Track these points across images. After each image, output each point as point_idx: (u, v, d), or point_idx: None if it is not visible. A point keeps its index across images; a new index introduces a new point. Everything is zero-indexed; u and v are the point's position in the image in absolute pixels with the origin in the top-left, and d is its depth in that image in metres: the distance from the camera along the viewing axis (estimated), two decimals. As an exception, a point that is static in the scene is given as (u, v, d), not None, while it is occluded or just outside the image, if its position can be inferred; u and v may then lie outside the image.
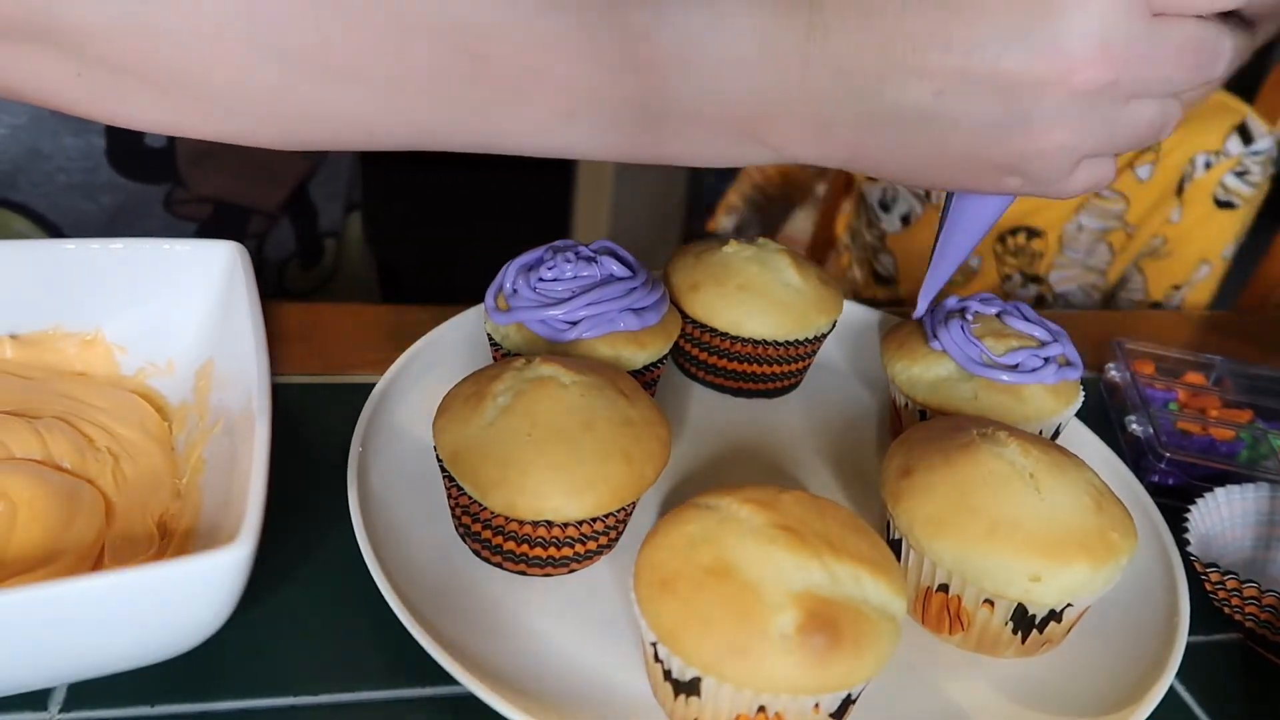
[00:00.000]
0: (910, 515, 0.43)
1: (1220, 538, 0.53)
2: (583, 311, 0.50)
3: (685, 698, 0.37)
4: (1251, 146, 0.89)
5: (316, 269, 0.81)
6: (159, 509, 0.44)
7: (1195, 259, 0.90)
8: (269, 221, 0.74)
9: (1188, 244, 0.89)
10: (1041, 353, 0.52)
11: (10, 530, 0.39)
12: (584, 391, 0.43)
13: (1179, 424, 0.61)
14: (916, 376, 0.53)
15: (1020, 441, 0.43)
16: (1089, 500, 0.42)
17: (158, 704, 0.38)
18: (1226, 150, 0.88)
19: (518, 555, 0.44)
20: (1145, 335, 0.69)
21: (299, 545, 0.46)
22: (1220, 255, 0.91)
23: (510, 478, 0.41)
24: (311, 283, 0.81)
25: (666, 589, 0.37)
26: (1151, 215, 0.88)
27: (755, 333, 0.56)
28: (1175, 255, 0.90)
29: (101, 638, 0.34)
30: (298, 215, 0.77)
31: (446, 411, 0.45)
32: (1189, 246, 0.90)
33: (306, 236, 0.79)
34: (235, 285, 0.48)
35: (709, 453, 0.55)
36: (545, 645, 0.42)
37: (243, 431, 0.41)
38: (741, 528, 0.37)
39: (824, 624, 0.35)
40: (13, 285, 0.48)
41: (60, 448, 0.44)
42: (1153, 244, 0.89)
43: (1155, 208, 0.87)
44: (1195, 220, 0.88)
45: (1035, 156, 0.38)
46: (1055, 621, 0.43)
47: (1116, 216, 0.88)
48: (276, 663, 0.41)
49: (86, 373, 0.49)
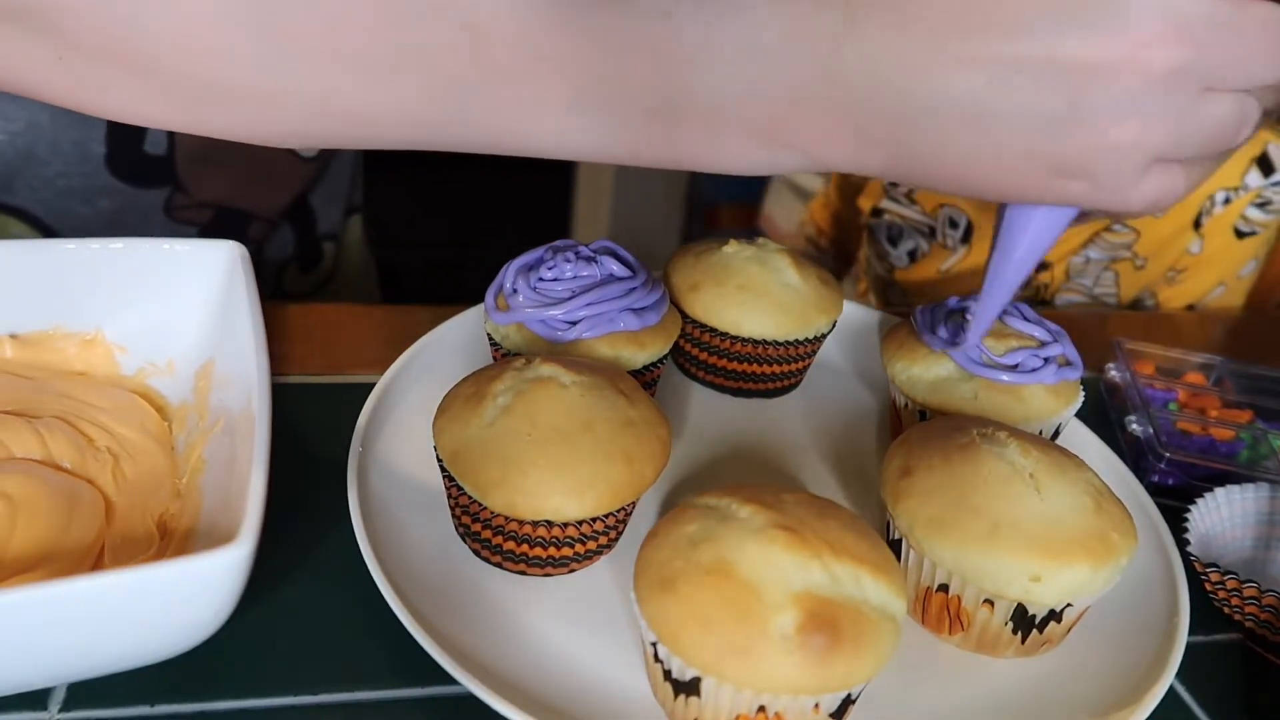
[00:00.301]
0: (910, 515, 0.43)
1: (1220, 538, 0.53)
2: (583, 311, 0.50)
3: (685, 698, 0.37)
4: (1272, 178, 0.85)
5: (315, 271, 0.81)
6: (159, 509, 0.44)
7: (1212, 282, 0.88)
8: (269, 227, 0.74)
9: (1206, 270, 0.87)
10: (1041, 353, 0.52)
11: (10, 530, 0.39)
12: (584, 391, 0.43)
13: (1179, 424, 0.61)
14: (916, 377, 0.53)
15: (1020, 442, 0.43)
16: (1089, 500, 0.42)
17: (158, 704, 0.38)
18: (1246, 185, 0.85)
19: (518, 555, 0.44)
20: (1145, 335, 0.69)
21: (299, 545, 0.46)
22: (1237, 275, 0.90)
23: (510, 478, 0.41)
24: (310, 285, 0.81)
25: (667, 589, 0.37)
26: (1166, 248, 0.86)
27: (755, 333, 0.56)
28: (1190, 281, 0.88)
29: (101, 637, 0.34)
30: (296, 219, 0.77)
31: (446, 411, 0.45)
32: (1206, 272, 0.87)
33: (305, 239, 0.78)
34: (235, 285, 0.48)
35: (709, 453, 0.55)
36: (545, 645, 0.42)
37: (243, 431, 0.41)
38: (742, 528, 0.37)
39: (824, 624, 0.35)
40: (13, 285, 0.48)
41: (60, 448, 0.44)
42: (1168, 275, 0.87)
43: (1170, 242, 0.85)
44: (1215, 250, 0.86)
45: (1101, 154, 0.33)
46: (1055, 622, 0.43)
47: (1126, 248, 0.86)
48: (276, 663, 0.41)
49: (87, 373, 0.49)
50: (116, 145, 0.62)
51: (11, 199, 0.62)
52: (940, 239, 0.91)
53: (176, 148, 0.64)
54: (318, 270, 0.81)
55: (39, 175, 0.61)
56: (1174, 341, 0.69)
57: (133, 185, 0.64)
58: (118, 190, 0.64)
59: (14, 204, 0.62)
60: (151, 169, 0.64)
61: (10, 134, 0.59)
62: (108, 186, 0.63)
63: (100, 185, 0.63)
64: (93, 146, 0.62)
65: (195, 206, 0.68)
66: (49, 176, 0.62)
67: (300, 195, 0.76)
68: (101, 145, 0.62)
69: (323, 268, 0.81)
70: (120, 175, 0.63)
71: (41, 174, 0.61)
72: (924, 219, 0.91)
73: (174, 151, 0.64)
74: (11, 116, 0.59)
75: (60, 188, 0.62)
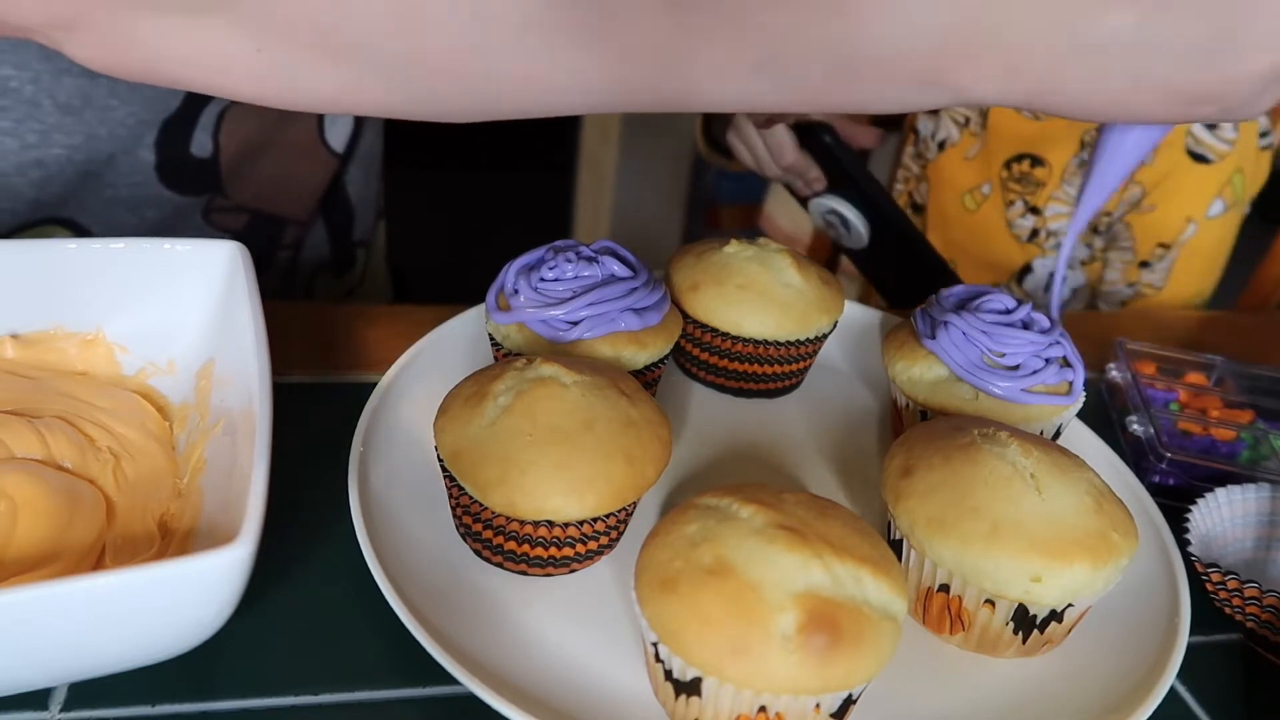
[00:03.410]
0: (911, 515, 0.43)
1: (1221, 538, 0.53)
2: (584, 311, 0.50)
3: (686, 698, 0.37)
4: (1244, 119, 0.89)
5: (348, 276, 0.81)
6: (160, 509, 0.44)
7: (1180, 216, 0.90)
8: (302, 230, 0.74)
9: (1168, 199, 0.89)
10: (1042, 353, 0.52)
11: (11, 530, 0.39)
12: (585, 391, 0.43)
13: (1180, 424, 0.61)
14: (917, 377, 0.53)
15: (1021, 442, 0.43)
16: (1090, 501, 0.42)
17: (158, 704, 0.39)
18: None
19: (518, 555, 0.44)
20: (1146, 335, 0.69)
21: (300, 545, 0.46)
22: (1204, 214, 0.91)
23: (511, 477, 0.41)
24: (341, 290, 0.81)
25: (667, 589, 0.37)
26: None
27: (756, 333, 0.56)
28: (1159, 209, 0.90)
29: (102, 637, 0.34)
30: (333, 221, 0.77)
31: (447, 411, 0.45)
32: (1170, 202, 0.90)
33: (340, 243, 0.79)
34: (236, 285, 0.48)
35: (710, 453, 0.55)
36: (546, 645, 0.42)
37: (244, 431, 0.41)
38: (742, 528, 0.37)
39: (825, 624, 0.35)
40: (14, 285, 0.48)
41: (61, 447, 0.44)
42: (1133, 193, 0.88)
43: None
44: (1170, 168, 0.88)
45: (1240, 82, 0.35)
46: (1056, 622, 0.43)
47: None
48: (276, 663, 0.41)
49: (87, 372, 0.49)
50: (166, 152, 0.62)
51: (62, 211, 0.62)
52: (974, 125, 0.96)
53: (221, 149, 0.64)
54: (350, 275, 0.81)
55: (90, 189, 0.61)
56: (1175, 341, 0.69)
57: (179, 193, 0.64)
58: (165, 199, 0.64)
59: (62, 215, 0.62)
60: (198, 174, 0.64)
61: (69, 148, 0.59)
62: (156, 196, 0.63)
63: (149, 195, 0.63)
64: (143, 154, 0.61)
65: (232, 210, 0.68)
66: (99, 189, 0.62)
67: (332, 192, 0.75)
68: (151, 153, 0.62)
69: (354, 273, 0.82)
70: (169, 183, 0.63)
71: (93, 187, 0.61)
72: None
73: (219, 153, 0.64)
74: (71, 131, 0.59)
75: (107, 198, 0.62)
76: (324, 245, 0.77)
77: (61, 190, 0.60)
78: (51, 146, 0.58)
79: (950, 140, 1.00)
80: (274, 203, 0.70)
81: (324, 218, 0.76)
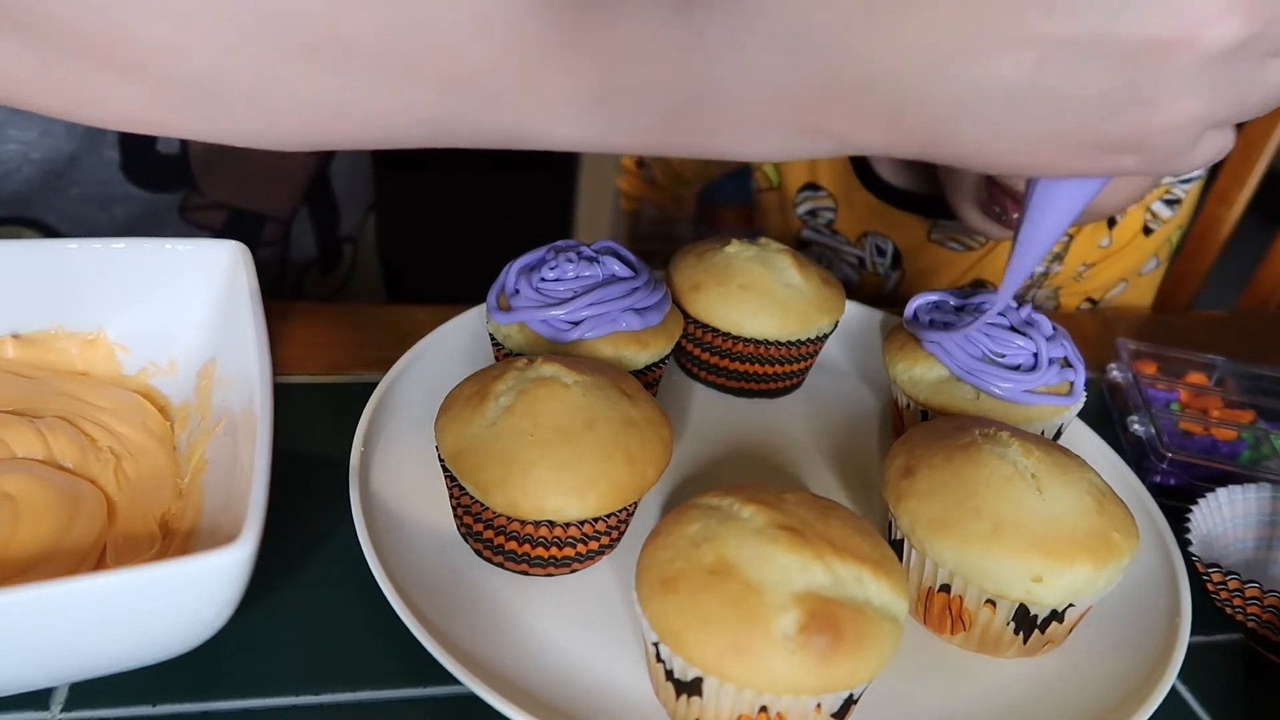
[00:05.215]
0: (912, 515, 0.43)
1: (1222, 538, 0.53)
2: (585, 311, 0.50)
3: (687, 698, 0.37)
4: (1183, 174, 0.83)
5: (335, 274, 0.81)
6: (161, 509, 0.44)
7: (1114, 278, 0.86)
8: (283, 228, 0.74)
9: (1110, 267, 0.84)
10: (1042, 353, 0.52)
11: (12, 529, 0.39)
12: (586, 391, 0.43)
13: (1181, 424, 0.61)
14: (918, 377, 0.53)
15: (1022, 442, 0.43)
16: (1091, 501, 0.42)
17: (159, 704, 0.39)
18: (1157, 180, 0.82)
19: (519, 555, 0.44)
20: (1147, 335, 0.69)
21: (300, 545, 0.46)
22: (1138, 273, 0.87)
23: (512, 477, 0.41)
24: (329, 288, 0.81)
25: (668, 589, 0.37)
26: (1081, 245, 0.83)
27: (757, 333, 0.56)
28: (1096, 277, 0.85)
29: (103, 637, 0.34)
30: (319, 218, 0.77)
31: (448, 411, 0.45)
32: (1110, 269, 0.84)
33: (327, 240, 0.78)
34: (237, 285, 0.48)
35: (711, 453, 0.55)
36: (546, 645, 0.42)
37: (244, 431, 0.41)
38: (743, 528, 0.37)
39: (826, 624, 0.35)
40: (14, 285, 0.48)
41: (62, 447, 0.44)
42: (1078, 271, 0.85)
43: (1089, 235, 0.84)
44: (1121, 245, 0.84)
45: (1158, 132, 0.32)
46: (1057, 622, 0.43)
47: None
48: (277, 663, 0.41)
49: (88, 372, 0.49)
50: (130, 150, 0.62)
51: (28, 211, 0.61)
52: (870, 268, 0.88)
53: (189, 147, 0.64)
54: (337, 272, 0.81)
55: (53, 187, 0.61)
56: (1176, 341, 0.69)
57: (149, 190, 0.63)
58: (134, 196, 0.63)
59: (30, 215, 0.61)
60: (167, 170, 0.64)
61: (25, 144, 0.58)
62: (124, 194, 0.63)
63: (116, 193, 0.62)
64: (107, 152, 0.61)
65: (210, 208, 0.67)
66: (63, 187, 0.61)
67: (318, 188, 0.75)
68: (115, 151, 0.61)
69: (342, 270, 0.81)
70: (137, 181, 0.63)
71: (56, 185, 0.61)
72: (850, 249, 0.88)
73: (187, 148, 0.64)
74: (24, 127, 0.58)
75: (74, 196, 0.62)
76: (310, 242, 0.77)
77: (23, 189, 0.60)
78: (6, 142, 0.58)
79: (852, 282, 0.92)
80: (252, 199, 0.69)
81: (310, 214, 0.76)
